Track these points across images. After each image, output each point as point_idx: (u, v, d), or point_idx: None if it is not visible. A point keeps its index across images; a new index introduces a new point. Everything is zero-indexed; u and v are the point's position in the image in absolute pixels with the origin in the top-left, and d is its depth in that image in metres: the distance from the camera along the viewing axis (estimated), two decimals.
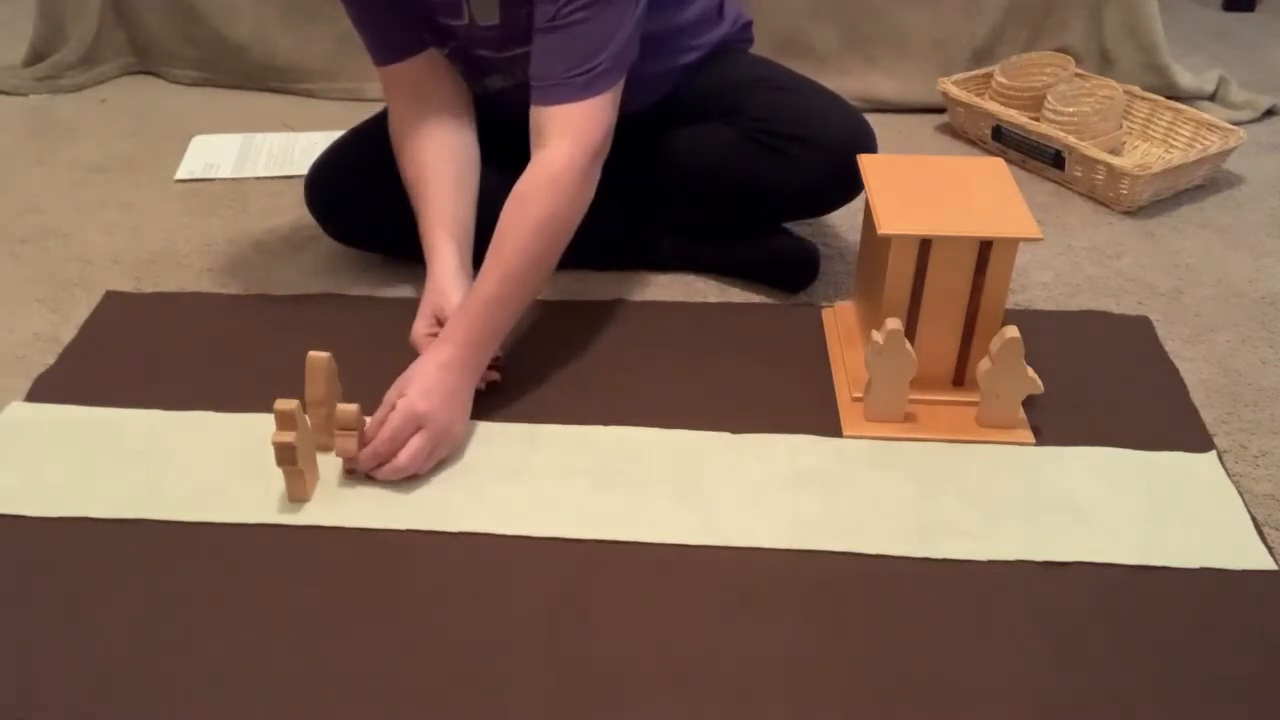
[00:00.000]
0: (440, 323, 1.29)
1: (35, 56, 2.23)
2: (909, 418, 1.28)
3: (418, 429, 1.18)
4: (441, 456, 1.21)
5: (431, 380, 1.20)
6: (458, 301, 1.29)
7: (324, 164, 1.53)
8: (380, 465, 1.18)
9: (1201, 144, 1.83)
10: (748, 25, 1.61)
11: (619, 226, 1.54)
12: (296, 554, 1.11)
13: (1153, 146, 1.91)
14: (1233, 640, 1.02)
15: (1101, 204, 1.77)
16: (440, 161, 1.39)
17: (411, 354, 1.26)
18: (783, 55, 1.77)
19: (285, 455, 1.12)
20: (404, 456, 1.17)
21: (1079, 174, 1.78)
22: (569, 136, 1.26)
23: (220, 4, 2.16)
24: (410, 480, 1.19)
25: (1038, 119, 1.87)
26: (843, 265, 1.59)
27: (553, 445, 1.25)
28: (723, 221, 1.53)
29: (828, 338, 1.43)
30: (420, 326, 1.31)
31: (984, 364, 1.24)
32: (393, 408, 1.18)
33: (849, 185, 1.42)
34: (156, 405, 1.31)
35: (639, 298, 1.52)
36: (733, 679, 0.99)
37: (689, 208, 1.53)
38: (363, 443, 1.17)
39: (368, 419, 1.18)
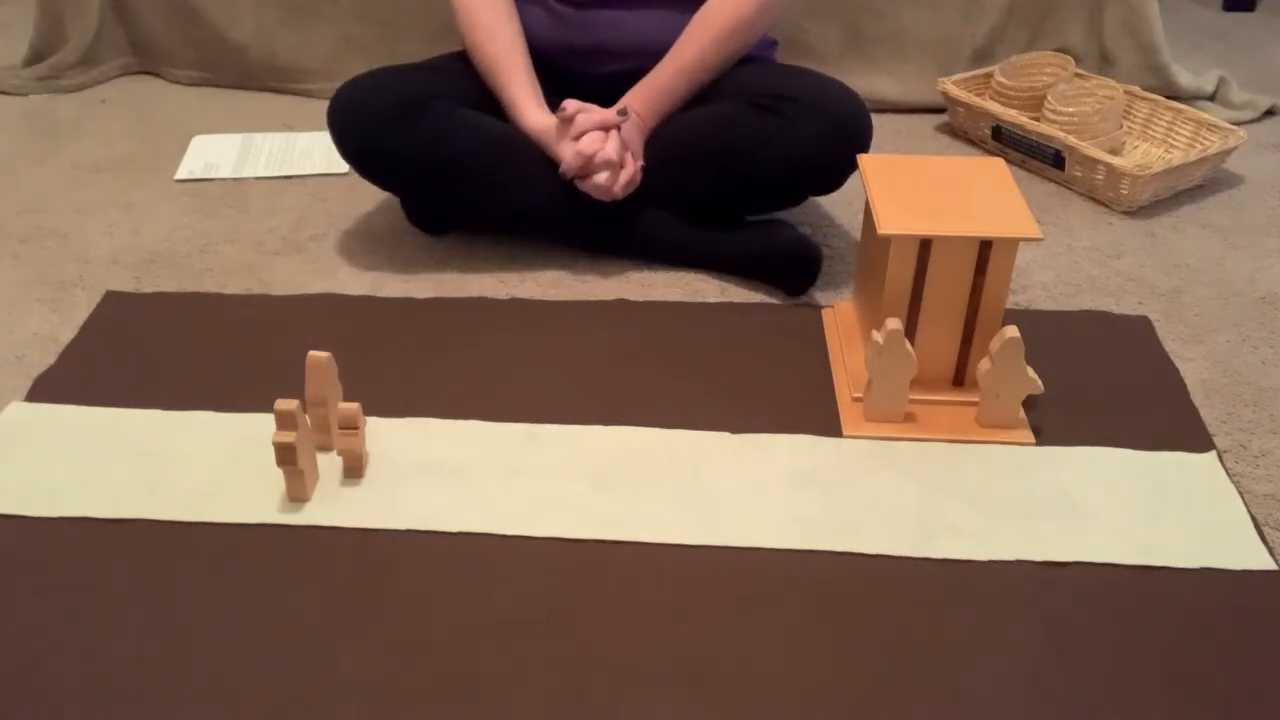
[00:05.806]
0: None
1: (35, 56, 2.23)
2: (909, 418, 1.28)
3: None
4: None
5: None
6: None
7: (361, 78, 1.56)
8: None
9: (1201, 144, 1.83)
10: (773, 44, 1.71)
11: (624, 214, 1.55)
12: (296, 554, 1.11)
13: (1153, 146, 1.91)
14: (1233, 640, 1.02)
15: (1101, 204, 1.77)
16: (515, 33, 1.57)
17: (411, 356, 1.25)
18: (783, 55, 1.77)
19: (285, 455, 1.12)
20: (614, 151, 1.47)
21: (1079, 174, 1.78)
22: None
23: (220, 4, 2.15)
24: (410, 481, 1.19)
25: (1038, 119, 1.87)
26: (843, 265, 1.59)
27: (553, 445, 1.25)
28: (723, 196, 1.54)
29: (828, 338, 1.43)
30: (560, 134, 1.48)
31: (984, 364, 1.25)
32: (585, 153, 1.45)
33: (843, 151, 1.44)
34: (156, 405, 1.31)
35: (639, 298, 1.52)
36: (733, 679, 0.99)
37: (690, 185, 1.54)
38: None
39: (369, 418, 1.18)
